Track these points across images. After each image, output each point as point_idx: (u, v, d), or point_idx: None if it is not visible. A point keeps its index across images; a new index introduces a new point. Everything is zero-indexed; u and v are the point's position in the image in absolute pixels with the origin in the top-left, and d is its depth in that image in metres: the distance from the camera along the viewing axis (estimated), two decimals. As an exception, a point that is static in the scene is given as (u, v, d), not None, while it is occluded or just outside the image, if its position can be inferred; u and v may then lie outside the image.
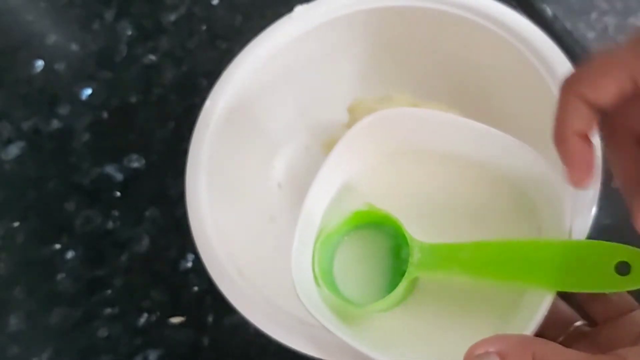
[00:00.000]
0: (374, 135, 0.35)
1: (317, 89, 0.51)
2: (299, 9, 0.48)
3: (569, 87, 0.28)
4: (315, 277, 0.34)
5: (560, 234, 0.30)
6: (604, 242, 0.29)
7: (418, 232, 0.33)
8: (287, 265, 0.34)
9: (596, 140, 0.38)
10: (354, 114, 0.49)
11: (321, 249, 0.34)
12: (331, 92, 0.51)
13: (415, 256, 0.32)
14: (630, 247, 0.29)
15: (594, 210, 0.38)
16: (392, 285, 0.33)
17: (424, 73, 0.50)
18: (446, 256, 0.32)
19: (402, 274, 0.32)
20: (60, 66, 0.61)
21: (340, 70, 0.51)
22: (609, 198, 0.46)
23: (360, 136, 0.35)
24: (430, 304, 0.34)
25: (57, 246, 0.52)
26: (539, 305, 0.28)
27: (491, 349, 0.24)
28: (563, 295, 0.33)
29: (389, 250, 0.35)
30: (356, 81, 0.52)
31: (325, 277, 0.34)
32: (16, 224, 0.54)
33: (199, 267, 0.43)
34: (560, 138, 0.29)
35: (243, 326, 0.45)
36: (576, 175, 0.29)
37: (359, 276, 0.35)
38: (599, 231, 0.45)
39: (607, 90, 0.27)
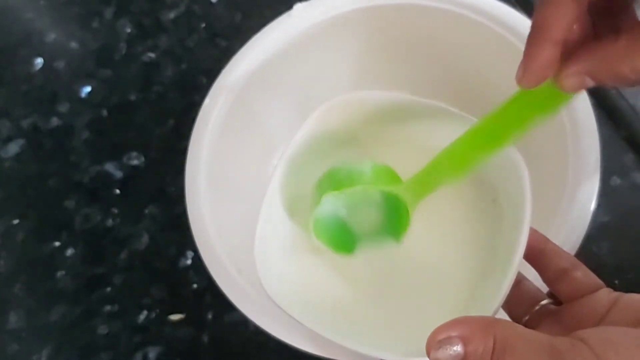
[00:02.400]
0: (329, 124, 0.36)
1: (316, 87, 0.51)
2: (298, 7, 0.48)
3: None
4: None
5: (521, 210, 0.31)
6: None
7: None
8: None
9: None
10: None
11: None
12: (331, 90, 0.51)
13: (407, 197, 0.33)
14: None
15: (592, 207, 0.38)
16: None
17: (423, 71, 0.50)
18: (429, 177, 0.33)
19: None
20: (59, 64, 0.61)
21: (340, 68, 0.51)
22: (607, 195, 0.46)
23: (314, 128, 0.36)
24: (398, 289, 0.34)
25: (57, 244, 0.52)
26: (503, 278, 0.29)
27: (453, 333, 0.24)
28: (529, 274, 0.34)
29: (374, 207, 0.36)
30: (355, 79, 0.52)
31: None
32: (16, 222, 0.54)
33: (199, 265, 0.43)
34: (536, 42, 0.27)
35: (242, 323, 0.45)
36: (527, 75, 0.27)
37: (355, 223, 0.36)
38: (597, 228, 0.45)
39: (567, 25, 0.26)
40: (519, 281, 0.33)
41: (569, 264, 0.31)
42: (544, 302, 0.32)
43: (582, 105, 0.40)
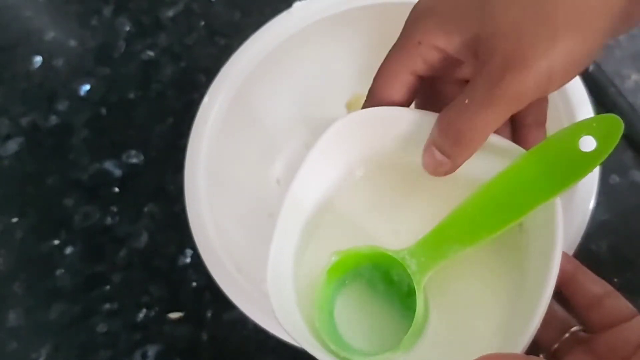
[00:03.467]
0: (355, 137, 0.33)
1: (315, 85, 0.51)
2: (297, 5, 0.48)
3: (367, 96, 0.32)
4: (322, 341, 0.31)
5: (550, 239, 0.29)
6: (558, 132, 0.29)
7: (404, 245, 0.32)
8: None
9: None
10: (353, 110, 0.49)
11: (317, 309, 0.32)
12: (330, 87, 0.51)
13: (411, 265, 0.31)
14: (583, 120, 0.29)
15: (591, 205, 0.38)
16: (403, 323, 0.31)
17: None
18: (437, 243, 0.31)
19: (408, 305, 0.31)
20: (58, 62, 0.61)
21: (339, 66, 0.51)
22: (606, 193, 0.46)
23: (339, 139, 0.33)
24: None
25: (56, 242, 0.52)
26: (533, 312, 0.27)
27: None
28: (559, 300, 0.33)
29: (385, 281, 0.33)
30: (355, 77, 0.52)
31: (331, 335, 0.31)
32: (15, 220, 0.54)
33: (198, 263, 0.43)
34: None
35: (242, 322, 0.45)
36: None
37: (365, 327, 0.33)
38: (596, 226, 0.45)
39: (398, 93, 0.31)
40: (548, 306, 0.32)
41: (601, 291, 0.30)
42: (574, 329, 0.31)
43: (581, 104, 0.40)
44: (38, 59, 0.61)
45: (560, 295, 0.32)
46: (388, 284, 0.33)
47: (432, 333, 0.31)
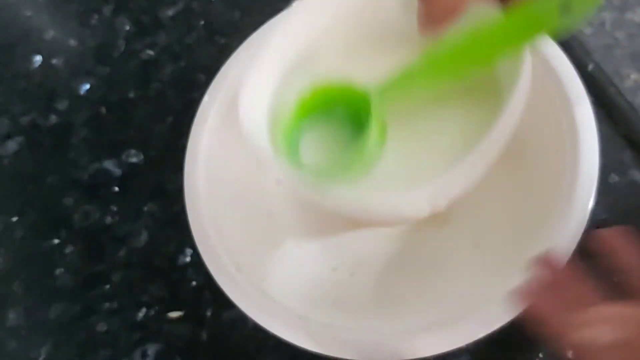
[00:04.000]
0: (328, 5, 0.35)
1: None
2: (297, 4, 0.48)
3: None
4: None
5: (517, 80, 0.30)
6: None
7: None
8: (283, 260, 0.34)
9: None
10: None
11: (284, 143, 0.35)
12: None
13: (374, 95, 0.33)
14: None
15: (590, 204, 0.38)
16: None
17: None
18: (402, 79, 0.33)
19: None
20: (58, 61, 0.61)
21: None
22: (605, 193, 0.46)
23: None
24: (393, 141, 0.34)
25: (56, 241, 0.52)
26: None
27: None
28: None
29: (353, 126, 0.35)
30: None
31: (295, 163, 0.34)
32: (15, 219, 0.54)
33: (198, 262, 0.43)
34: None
35: (241, 321, 0.45)
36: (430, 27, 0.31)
37: (325, 156, 0.35)
38: (595, 226, 0.45)
39: None
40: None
41: None
42: None
43: (580, 103, 0.40)
44: (38, 58, 0.61)
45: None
46: (357, 126, 0.35)
47: (387, 163, 0.34)
